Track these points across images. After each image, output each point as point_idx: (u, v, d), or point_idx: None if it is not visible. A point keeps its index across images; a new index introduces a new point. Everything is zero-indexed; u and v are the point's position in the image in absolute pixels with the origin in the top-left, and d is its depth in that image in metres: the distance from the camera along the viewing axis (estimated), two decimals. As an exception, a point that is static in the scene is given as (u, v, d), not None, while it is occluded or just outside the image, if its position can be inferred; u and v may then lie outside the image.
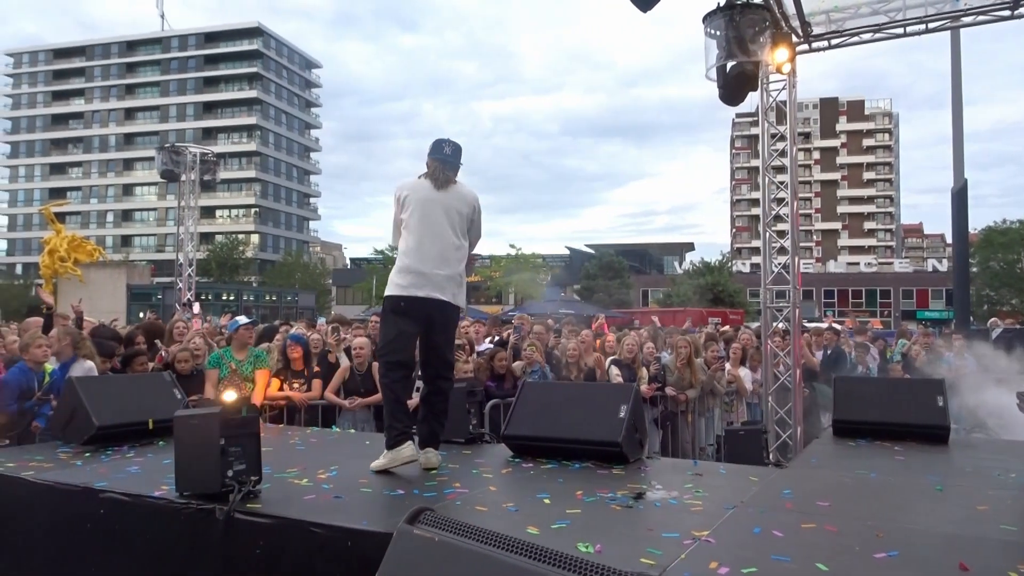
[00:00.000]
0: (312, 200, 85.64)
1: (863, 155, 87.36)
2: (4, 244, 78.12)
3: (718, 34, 7.21)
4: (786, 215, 7.98)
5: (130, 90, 77.55)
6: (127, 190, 76.80)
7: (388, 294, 3.89)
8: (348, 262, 78.42)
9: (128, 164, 76.43)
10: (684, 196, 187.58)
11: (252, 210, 74.09)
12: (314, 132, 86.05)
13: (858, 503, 3.14)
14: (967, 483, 3.55)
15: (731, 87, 7.09)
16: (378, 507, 3.15)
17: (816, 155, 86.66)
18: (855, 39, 7.98)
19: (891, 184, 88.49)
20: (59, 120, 78.76)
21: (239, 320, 6.97)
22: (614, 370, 7.38)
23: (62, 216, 44.08)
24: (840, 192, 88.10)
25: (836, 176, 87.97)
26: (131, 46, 77.79)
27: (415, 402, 4.70)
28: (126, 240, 74.61)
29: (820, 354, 8.96)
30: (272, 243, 74.85)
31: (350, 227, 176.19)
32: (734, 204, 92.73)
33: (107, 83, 77.59)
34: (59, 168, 78.50)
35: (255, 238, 71.74)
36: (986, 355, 8.44)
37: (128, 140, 76.69)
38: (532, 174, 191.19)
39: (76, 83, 78.46)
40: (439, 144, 4.02)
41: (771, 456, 5.64)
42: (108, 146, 77.22)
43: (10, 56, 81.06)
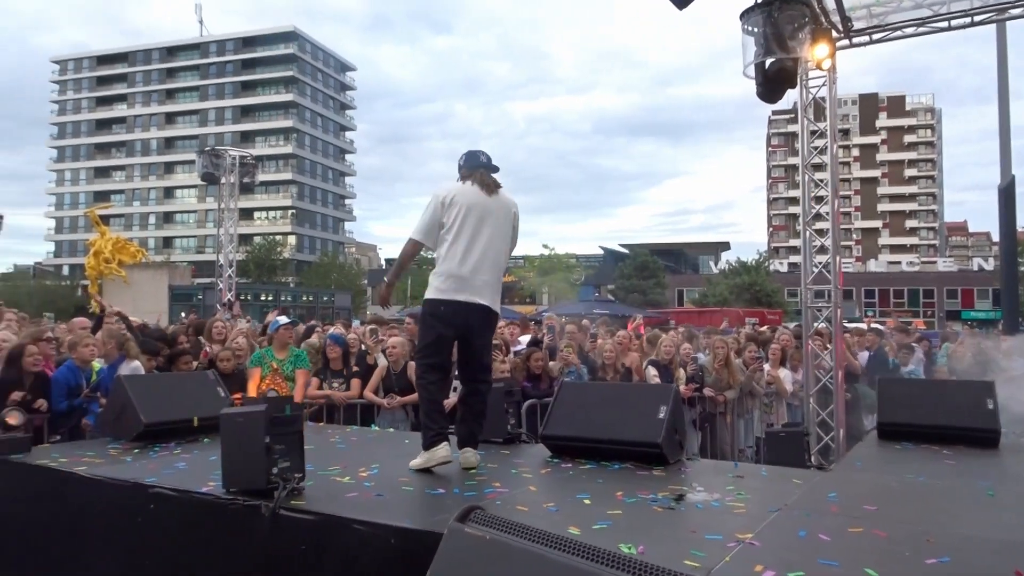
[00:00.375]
0: (347, 201, 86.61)
1: (904, 152, 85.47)
2: (52, 246, 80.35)
3: (756, 31, 7.11)
4: (826, 213, 7.84)
5: (170, 95, 79.26)
6: (168, 193, 78.49)
7: (429, 297, 3.90)
8: (383, 262, 79.16)
9: (169, 167, 78.13)
10: (720, 195, 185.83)
11: (289, 212, 75.19)
12: (349, 134, 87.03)
13: (907, 507, 3.07)
14: (1020, 488, 3.46)
15: (770, 84, 6.98)
16: (420, 506, 3.17)
17: (856, 152, 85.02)
18: (897, 34, 7.80)
19: (934, 181, 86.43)
20: (103, 125, 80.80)
21: (279, 320, 7.08)
22: (651, 371, 7.33)
23: (106, 219, 45.20)
24: (880, 190, 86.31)
25: (876, 173, 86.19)
26: (171, 52, 79.53)
27: (452, 402, 4.76)
28: (167, 242, 76.23)
29: (860, 355, 8.80)
30: (308, 244, 75.86)
31: (385, 228, 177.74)
32: (771, 203, 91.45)
33: (148, 88, 79.40)
34: (103, 172, 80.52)
35: (292, 239, 72.78)
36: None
37: (169, 144, 78.40)
38: (566, 174, 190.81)
39: (119, 88, 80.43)
40: (475, 153, 4.09)
41: (813, 459, 5.55)
42: (150, 150, 79.02)
43: (56, 63, 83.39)
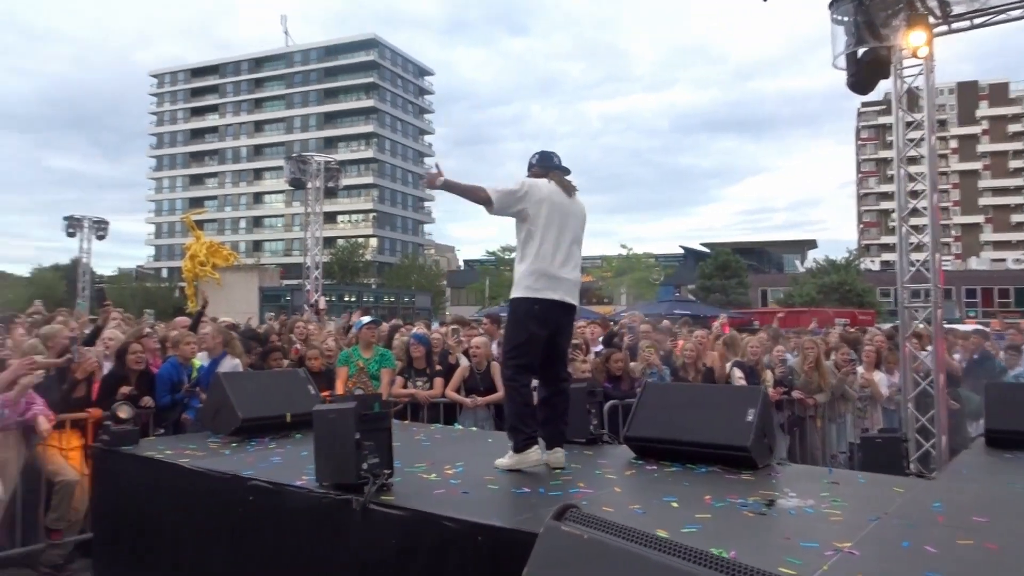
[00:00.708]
0: (426, 204, 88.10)
1: (1008, 142, 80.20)
2: (152, 250, 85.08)
3: (846, 20, 6.85)
4: (924, 208, 7.45)
5: (259, 104, 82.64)
6: (257, 198, 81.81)
7: (520, 296, 3.84)
8: (461, 263, 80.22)
9: (258, 174, 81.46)
10: (805, 191, 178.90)
11: (370, 215, 77.13)
12: (427, 138, 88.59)
13: (1020, 520, 2.89)
14: None
15: (862, 74, 6.72)
16: (505, 504, 3.19)
17: (954, 144, 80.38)
18: (1001, 17, 7.33)
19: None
20: (197, 135, 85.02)
21: (362, 320, 7.28)
22: (736, 372, 7.15)
23: (201, 224, 47.42)
24: (982, 183, 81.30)
25: (977, 166, 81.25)
26: (259, 63, 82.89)
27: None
28: (257, 245, 79.44)
29: (959, 357, 8.32)
30: (389, 246, 77.60)
31: (463, 229, 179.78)
32: (861, 198, 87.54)
33: (238, 98, 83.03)
34: (197, 179, 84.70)
35: (373, 241, 74.62)
36: None
37: (257, 151, 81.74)
38: (643, 173, 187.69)
39: (211, 99, 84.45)
40: (549, 154, 4.12)
41: (912, 466, 5.29)
42: (240, 157, 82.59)
43: (154, 77, 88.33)
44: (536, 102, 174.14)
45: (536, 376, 3.98)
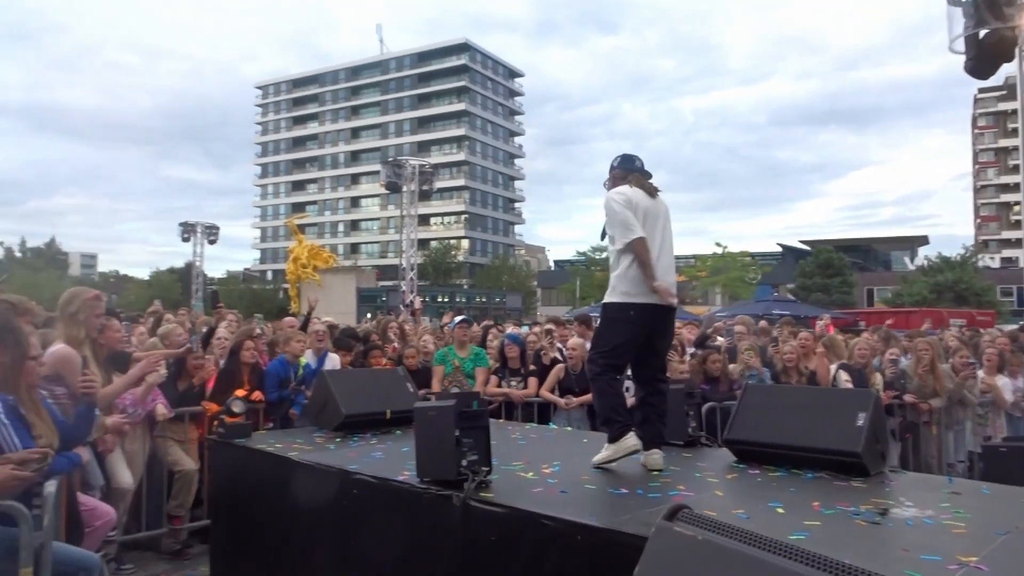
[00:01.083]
0: (517, 205, 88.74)
1: None
2: (258, 254, 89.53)
3: (965, 0, 6.43)
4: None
5: (355, 111, 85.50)
6: (354, 202, 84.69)
7: (616, 301, 3.86)
8: (552, 264, 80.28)
9: (355, 179, 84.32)
10: (915, 184, 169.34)
11: (462, 216, 78.37)
12: (518, 139, 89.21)
13: None
14: None
15: (983, 58, 6.28)
16: (604, 504, 3.17)
17: (1085, 130, 73.97)
18: None
19: None
20: (298, 143, 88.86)
21: (455, 320, 7.44)
22: (843, 375, 6.82)
23: (303, 228, 49.50)
24: (1118, 172, 74.44)
25: (1112, 153, 74.47)
26: (355, 71, 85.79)
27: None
28: (354, 248, 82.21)
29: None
30: (480, 247, 78.62)
31: (553, 230, 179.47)
32: (978, 191, 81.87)
33: (336, 106, 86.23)
34: (299, 185, 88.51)
35: (465, 243, 75.78)
36: None
37: (354, 157, 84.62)
38: (738, 169, 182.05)
39: (311, 108, 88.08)
40: (631, 157, 4.14)
41: (1042, 478, 4.89)
42: (338, 163, 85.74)
43: (259, 88, 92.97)
44: (627, 100, 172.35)
45: (628, 378, 3.99)
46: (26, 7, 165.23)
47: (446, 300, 38.12)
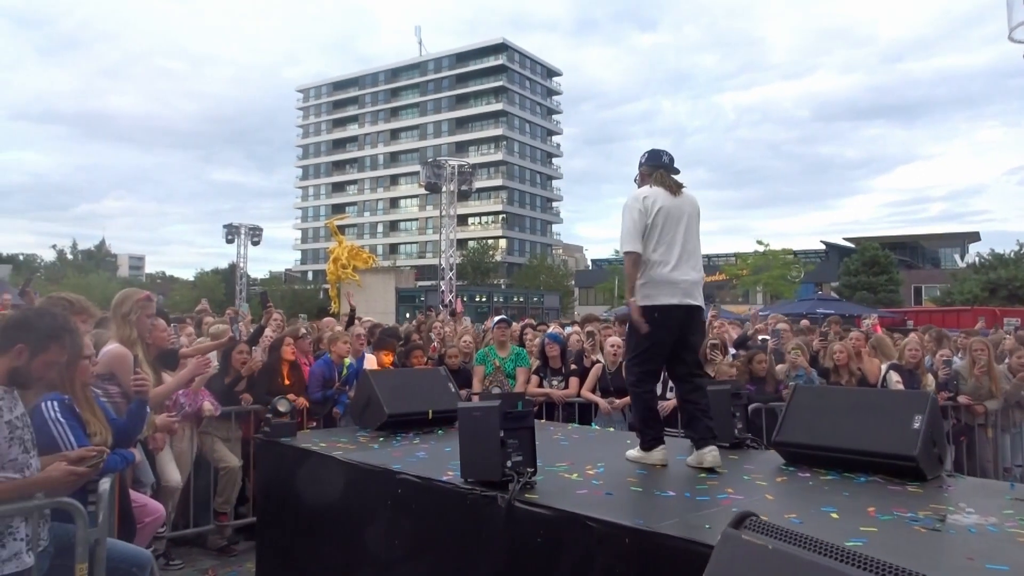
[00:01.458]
0: (554, 204, 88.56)
1: None
2: (299, 255, 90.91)
3: (1024, -13, 6.19)
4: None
5: (394, 113, 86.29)
6: (393, 203, 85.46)
7: (639, 305, 3.85)
8: (589, 263, 79.95)
9: (394, 180, 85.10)
10: (965, 179, 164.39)
11: (500, 216, 78.49)
12: (556, 138, 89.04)
13: None
14: None
15: (1043, 47, 6.04)
16: (650, 507, 3.12)
17: None
18: None
19: None
20: (338, 145, 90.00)
21: (495, 320, 7.43)
22: (893, 376, 6.63)
23: (343, 229, 50.11)
24: None
25: None
26: (395, 73, 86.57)
27: (670, 404, 4.77)
28: (393, 248, 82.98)
29: None
30: (518, 247, 78.67)
31: (590, 229, 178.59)
32: (1031, 186, 79.05)
33: (376, 108, 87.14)
34: (339, 187, 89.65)
35: (503, 243, 75.89)
36: None
37: (393, 158, 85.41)
38: (780, 165, 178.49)
39: (351, 110, 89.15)
40: (658, 152, 4.10)
41: (1110, 484, 4.68)
42: (377, 165, 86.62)
43: (300, 92, 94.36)
44: (666, 97, 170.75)
45: (669, 377, 3.99)
46: (76, 18, 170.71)
47: (484, 300, 38.17)
